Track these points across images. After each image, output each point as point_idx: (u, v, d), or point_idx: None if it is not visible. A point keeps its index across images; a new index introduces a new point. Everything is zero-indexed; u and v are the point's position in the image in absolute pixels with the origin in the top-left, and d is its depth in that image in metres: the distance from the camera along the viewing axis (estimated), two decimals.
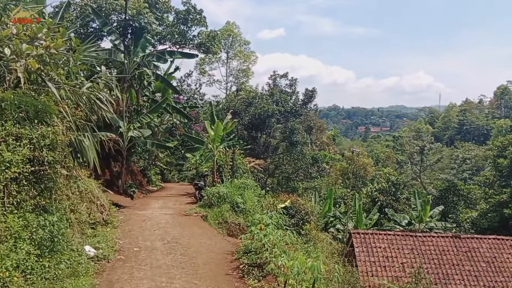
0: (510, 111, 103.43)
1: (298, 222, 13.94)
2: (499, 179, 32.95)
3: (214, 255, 11.24)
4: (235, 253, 11.07)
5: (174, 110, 26.36)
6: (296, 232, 12.04)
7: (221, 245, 12.40)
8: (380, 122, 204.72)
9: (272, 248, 8.32)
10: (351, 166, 42.58)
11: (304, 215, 14.27)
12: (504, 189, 31.45)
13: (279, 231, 9.09)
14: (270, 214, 10.58)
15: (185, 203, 20.85)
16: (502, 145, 34.27)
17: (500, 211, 31.60)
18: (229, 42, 51.37)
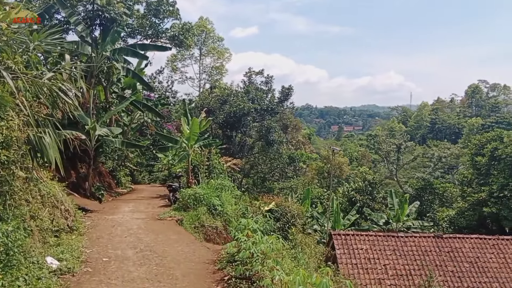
0: (481, 110, 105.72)
1: (284, 226, 12.89)
2: (477, 178, 32.87)
3: (193, 264, 10.04)
4: (217, 262, 9.90)
5: (145, 107, 25.00)
6: (283, 237, 11.03)
7: (200, 253, 11.22)
8: (353, 122, 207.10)
9: (264, 259, 7.23)
10: (331, 165, 41.92)
11: (290, 218, 13.24)
12: (483, 188, 31.35)
13: (270, 238, 8.01)
14: (255, 218, 9.50)
15: (158, 206, 19.54)
16: (479, 143, 34.25)
17: (479, 210, 31.48)
18: (202, 38, 50.03)
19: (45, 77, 8.94)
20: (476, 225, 32.89)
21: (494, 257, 21.32)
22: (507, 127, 61.36)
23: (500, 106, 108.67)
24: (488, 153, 32.06)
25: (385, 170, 62.06)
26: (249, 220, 9.11)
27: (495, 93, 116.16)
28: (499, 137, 32.92)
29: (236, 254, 8.59)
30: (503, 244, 22.04)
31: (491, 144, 32.24)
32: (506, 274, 20.58)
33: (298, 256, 9.53)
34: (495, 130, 35.90)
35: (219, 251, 11.19)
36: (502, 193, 29.29)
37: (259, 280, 7.16)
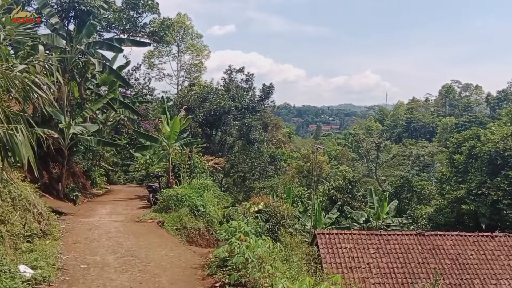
0: (454, 109, 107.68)
1: (273, 227, 12.32)
2: (456, 175, 33.03)
3: (180, 270, 9.36)
4: (205, 267, 9.25)
5: (122, 105, 24.06)
6: (272, 238, 10.50)
7: (186, 257, 10.57)
8: (330, 121, 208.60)
9: (261, 264, 6.64)
10: (315, 164, 41.66)
11: (280, 219, 12.69)
12: (461, 185, 31.50)
13: (266, 241, 7.45)
14: (246, 220, 8.93)
15: (137, 207, 18.81)
16: (457, 142, 34.44)
17: (457, 207, 31.64)
18: (181, 34, 48.96)
19: (16, 69, 8.24)
20: (454, 222, 33.07)
21: (475, 253, 21.38)
22: (479, 126, 62.29)
23: (472, 106, 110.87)
24: (466, 151, 32.23)
25: (363, 168, 62.40)
26: (240, 222, 8.52)
27: (467, 93, 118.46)
28: (476, 135, 33.16)
29: (228, 258, 7.97)
30: (482, 241, 22.11)
31: (469, 143, 32.40)
32: (487, 270, 20.65)
33: (290, 259, 8.97)
34: (472, 129, 36.19)
35: (206, 255, 10.58)
36: (480, 191, 29.45)
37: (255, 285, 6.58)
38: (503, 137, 29.47)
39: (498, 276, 19.98)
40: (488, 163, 29.84)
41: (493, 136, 30.17)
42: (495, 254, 20.94)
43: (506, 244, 21.52)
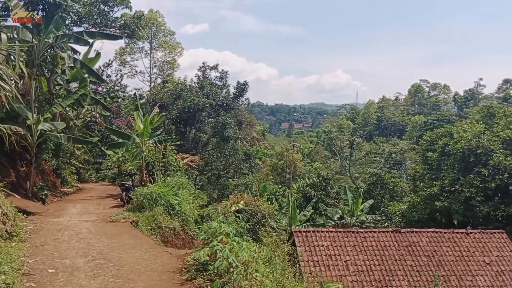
0: (423, 108, 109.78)
1: (254, 227, 11.91)
2: (429, 172, 33.45)
3: (156, 274, 8.78)
4: (183, 271, 8.71)
5: (93, 101, 23.19)
6: (253, 239, 10.11)
7: (162, 260, 10.03)
8: (302, 119, 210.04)
9: (247, 270, 6.20)
10: (291, 161, 41.52)
11: (261, 218, 12.29)
12: (435, 182, 31.91)
13: (251, 244, 7.02)
14: (226, 220, 8.48)
15: (109, 206, 18.05)
16: (430, 139, 34.90)
17: (431, 204, 32.04)
18: (153, 31, 48.00)
19: None
20: (427, 218, 33.53)
21: (450, 250, 21.60)
22: (447, 125, 63.58)
23: (440, 105, 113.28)
24: (439, 148, 32.69)
25: (336, 166, 62.76)
26: (221, 223, 8.06)
27: (435, 92, 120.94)
28: (449, 133, 33.68)
29: (208, 262, 7.48)
30: (457, 238, 22.35)
31: (441, 140, 32.90)
32: (462, 267, 20.84)
33: (274, 261, 8.57)
34: (445, 127, 36.75)
35: (183, 257, 10.07)
36: (453, 188, 29.90)
37: None
38: (476, 134, 29.98)
39: (473, 272, 20.19)
40: (461, 161, 30.31)
41: (465, 133, 30.66)
42: (470, 251, 21.18)
43: (481, 240, 21.80)
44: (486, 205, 28.18)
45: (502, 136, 29.48)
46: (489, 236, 22.26)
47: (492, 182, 27.93)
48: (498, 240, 22.02)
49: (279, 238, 13.46)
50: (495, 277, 20.25)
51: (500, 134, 29.68)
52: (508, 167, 27.58)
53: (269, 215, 12.97)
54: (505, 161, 27.81)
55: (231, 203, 9.55)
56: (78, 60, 20.20)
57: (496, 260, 20.93)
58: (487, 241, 21.95)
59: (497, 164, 28.01)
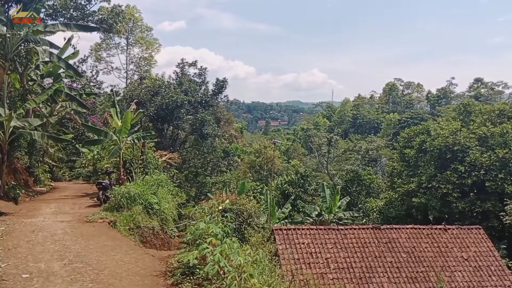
0: (397, 106, 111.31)
1: (240, 227, 11.56)
2: (407, 169, 33.73)
3: (139, 279, 8.33)
4: (168, 274, 8.32)
5: (68, 97, 22.45)
6: (239, 239, 9.82)
7: (144, 262, 9.60)
8: (279, 117, 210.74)
9: (242, 275, 5.84)
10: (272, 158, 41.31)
11: (247, 218, 11.96)
12: (412, 179, 32.18)
13: (246, 247, 6.69)
14: (213, 221, 8.13)
15: (85, 206, 17.47)
16: (408, 136, 35.20)
17: (408, 200, 32.31)
18: (130, 27, 46.97)
19: None
20: (404, 214, 33.79)
21: (429, 246, 21.71)
22: (420, 122, 64.60)
23: (413, 103, 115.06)
24: (416, 145, 32.97)
25: (313, 163, 62.96)
26: (210, 224, 7.70)
27: (409, 90, 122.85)
28: (426, 130, 34.02)
29: (197, 266, 7.09)
30: (436, 234, 22.50)
31: (419, 137, 33.19)
32: (441, 262, 20.98)
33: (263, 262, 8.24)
34: (422, 124, 37.15)
35: (166, 259, 9.70)
36: (431, 184, 30.17)
37: None
38: (452, 131, 30.32)
39: (452, 268, 20.34)
40: (438, 157, 30.61)
41: (442, 131, 30.98)
42: (448, 247, 21.35)
43: (458, 236, 22.01)
44: (462, 201, 28.52)
45: (478, 133, 29.89)
46: (466, 232, 22.49)
47: (469, 179, 28.29)
48: (475, 236, 22.27)
49: (263, 236, 13.15)
50: (473, 272, 20.46)
51: (476, 131, 30.10)
52: (484, 164, 27.98)
53: (255, 214, 12.66)
54: (481, 157, 28.20)
55: (218, 202, 9.20)
56: (54, 54, 19.43)
57: (474, 256, 21.17)
58: (464, 237, 22.17)
59: (473, 160, 28.40)
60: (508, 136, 28.75)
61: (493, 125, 30.45)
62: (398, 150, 36.55)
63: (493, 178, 27.58)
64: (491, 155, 28.15)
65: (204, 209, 9.55)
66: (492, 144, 29.13)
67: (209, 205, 9.61)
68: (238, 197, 13.60)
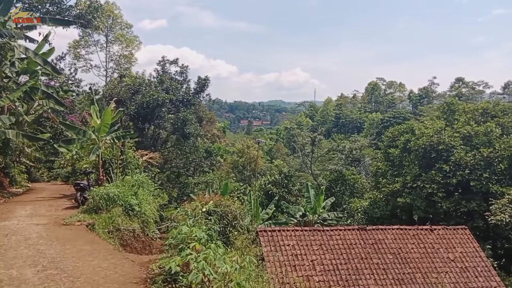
0: (379, 105, 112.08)
1: (224, 230, 11.03)
2: (391, 169, 33.60)
3: (117, 287, 7.73)
4: (148, 281, 7.75)
5: (45, 94, 21.59)
6: (223, 242, 9.31)
7: (123, 268, 9.00)
8: (261, 116, 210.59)
9: (228, 284, 5.34)
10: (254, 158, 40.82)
11: (232, 220, 11.44)
12: (397, 178, 32.05)
13: (233, 254, 6.20)
14: (197, 223, 7.60)
15: (62, 208, 16.75)
16: (392, 136, 35.08)
17: (393, 200, 32.17)
18: (109, 24, 45.90)
19: None
20: (389, 215, 33.71)
21: (415, 247, 21.51)
22: (402, 122, 65.06)
23: (396, 102, 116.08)
24: (401, 145, 32.88)
25: (296, 163, 62.73)
26: (193, 228, 7.16)
27: (391, 90, 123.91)
28: (410, 129, 33.95)
29: (180, 273, 6.54)
30: (422, 234, 22.32)
31: (403, 137, 33.10)
32: (427, 264, 20.77)
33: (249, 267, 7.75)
34: (406, 123, 37.12)
35: (147, 265, 9.12)
36: (416, 184, 30.08)
37: None
38: (437, 131, 30.27)
39: (438, 269, 20.13)
40: (422, 157, 30.55)
41: (427, 130, 30.92)
42: (434, 247, 21.16)
43: (444, 237, 21.84)
44: (447, 201, 28.48)
45: (462, 132, 29.90)
46: (452, 233, 22.36)
47: (453, 178, 28.25)
48: (461, 236, 22.15)
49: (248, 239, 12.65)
50: (460, 273, 20.29)
51: (461, 130, 30.10)
52: (469, 163, 27.98)
53: (240, 216, 12.14)
54: (465, 157, 28.19)
55: (201, 204, 8.67)
56: (30, 50, 18.58)
57: (460, 257, 21.03)
58: (451, 237, 22.03)
59: (458, 160, 28.37)
60: (492, 135, 28.83)
61: (477, 124, 30.54)
62: (382, 150, 36.42)
63: (478, 177, 27.62)
64: (476, 154, 28.20)
65: (187, 211, 8.98)
66: (476, 143, 29.20)
67: (192, 207, 9.06)
68: (222, 198, 13.04)
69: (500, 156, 27.55)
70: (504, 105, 34.09)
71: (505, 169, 27.49)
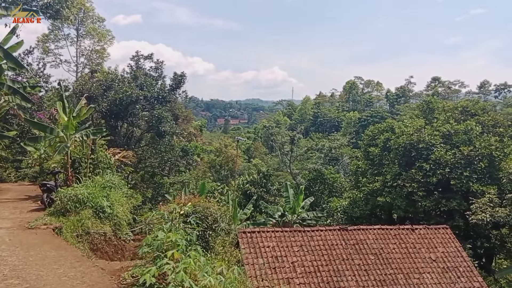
0: (357, 104, 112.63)
1: (204, 233, 10.18)
2: (371, 168, 33.25)
3: None
4: None
5: (10, 90, 20.26)
6: (203, 247, 8.50)
7: (92, 278, 8.10)
8: (239, 115, 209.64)
9: None
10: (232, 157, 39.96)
11: (212, 223, 10.61)
12: (377, 177, 31.71)
13: (218, 263, 5.39)
14: (174, 228, 6.77)
15: (28, 210, 15.58)
16: (372, 134, 34.76)
17: (373, 199, 31.83)
18: (80, 17, 44.24)
19: None
20: (368, 214, 33.40)
21: (397, 247, 21.28)
22: (380, 121, 65.28)
23: (373, 101, 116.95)
24: (381, 143, 32.58)
25: (274, 162, 62.18)
26: (171, 233, 6.32)
27: (369, 89, 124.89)
28: (390, 128, 33.70)
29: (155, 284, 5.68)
30: (403, 234, 22.09)
31: (383, 135, 32.82)
32: (409, 264, 20.54)
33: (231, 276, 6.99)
34: (386, 122, 36.90)
35: (118, 273, 8.24)
36: (396, 183, 29.79)
37: None
38: (417, 129, 30.01)
39: (420, 270, 19.89)
40: (402, 155, 30.28)
41: (406, 128, 30.66)
42: (416, 247, 20.89)
43: (426, 236, 21.59)
44: (427, 200, 28.23)
45: (442, 130, 29.71)
46: (434, 232, 22.13)
47: (434, 177, 28.01)
48: (443, 236, 21.94)
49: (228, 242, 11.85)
50: (441, 274, 20.07)
51: (440, 128, 29.91)
52: (449, 162, 27.77)
53: (221, 219, 11.32)
54: (445, 155, 27.98)
55: (178, 206, 7.85)
56: None
57: (442, 257, 20.82)
58: (432, 237, 21.80)
59: (438, 158, 28.15)
60: (472, 133, 28.71)
61: (457, 123, 30.41)
62: (362, 148, 36.10)
63: (458, 176, 27.43)
64: (456, 152, 28.03)
65: (163, 214, 8.12)
66: (456, 142, 29.03)
67: (169, 209, 8.21)
68: (200, 200, 12.18)
69: (481, 154, 27.45)
70: (484, 103, 34.14)
71: (485, 167, 27.40)
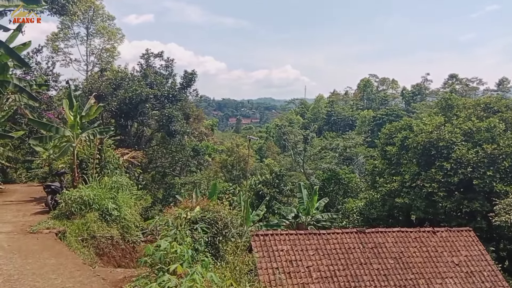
0: (372, 103, 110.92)
1: (213, 240, 9.38)
2: (388, 167, 32.12)
3: None
4: None
5: (17, 88, 19.70)
6: (212, 255, 7.71)
7: None
8: (250, 114, 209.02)
9: None
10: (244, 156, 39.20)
11: (223, 228, 9.79)
12: (395, 177, 30.56)
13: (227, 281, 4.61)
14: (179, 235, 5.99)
15: (31, 213, 14.99)
16: (389, 133, 33.65)
17: (390, 200, 30.70)
18: (90, 16, 43.84)
19: None
20: (385, 215, 32.36)
21: (418, 251, 20.41)
22: (395, 119, 63.94)
23: (388, 99, 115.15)
24: (398, 142, 31.51)
25: (287, 162, 61.21)
26: (173, 243, 5.53)
27: (384, 87, 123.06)
28: (408, 126, 32.63)
29: None
30: (424, 237, 21.18)
31: (401, 133, 31.77)
32: (431, 269, 19.64)
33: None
34: (404, 119, 35.78)
35: (120, 284, 7.50)
36: (414, 183, 28.68)
37: None
38: (436, 127, 28.85)
39: (443, 274, 18.99)
40: (421, 154, 29.15)
41: (425, 126, 29.54)
42: (438, 251, 19.98)
43: (448, 239, 20.63)
44: (448, 200, 27.05)
45: (463, 128, 28.49)
46: (456, 235, 21.16)
47: (455, 177, 26.77)
48: (465, 238, 20.96)
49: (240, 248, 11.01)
50: (465, 278, 19.16)
51: (461, 126, 28.69)
52: (471, 161, 26.54)
53: (232, 224, 10.48)
54: (467, 154, 26.76)
55: (185, 210, 7.08)
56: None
57: (465, 261, 19.86)
58: (454, 240, 20.84)
59: (459, 157, 26.92)
60: (495, 131, 27.46)
61: (479, 120, 29.19)
62: (379, 147, 34.98)
63: (480, 175, 26.20)
64: (479, 151, 26.81)
65: (167, 220, 7.32)
66: (478, 140, 27.82)
67: (175, 214, 7.42)
68: (210, 202, 11.36)
69: (504, 153, 26.19)
70: (507, 100, 32.80)
71: (509, 166, 26.14)
